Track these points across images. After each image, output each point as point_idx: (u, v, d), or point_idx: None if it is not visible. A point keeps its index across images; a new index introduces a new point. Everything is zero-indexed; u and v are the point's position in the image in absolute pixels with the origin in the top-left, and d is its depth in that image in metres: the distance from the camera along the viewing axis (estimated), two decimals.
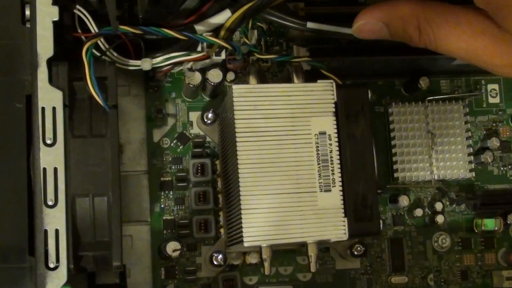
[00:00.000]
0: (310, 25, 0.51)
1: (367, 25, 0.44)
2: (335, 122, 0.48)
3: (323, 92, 0.48)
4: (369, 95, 0.49)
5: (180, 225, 0.53)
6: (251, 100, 0.47)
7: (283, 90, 0.48)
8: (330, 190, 0.47)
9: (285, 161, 0.47)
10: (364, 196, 0.47)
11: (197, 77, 0.52)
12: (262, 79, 0.49)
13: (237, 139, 0.46)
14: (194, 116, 0.55)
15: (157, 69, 0.53)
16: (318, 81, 0.49)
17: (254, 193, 0.46)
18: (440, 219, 0.56)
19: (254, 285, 0.55)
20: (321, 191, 0.47)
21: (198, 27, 0.52)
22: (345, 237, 0.47)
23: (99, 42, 0.49)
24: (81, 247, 0.45)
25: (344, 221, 0.47)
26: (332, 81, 0.49)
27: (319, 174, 0.47)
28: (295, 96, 0.48)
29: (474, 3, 0.40)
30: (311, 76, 0.50)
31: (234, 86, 0.47)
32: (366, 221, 0.47)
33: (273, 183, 0.46)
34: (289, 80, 0.49)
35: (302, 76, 0.49)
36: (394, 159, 0.56)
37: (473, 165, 0.56)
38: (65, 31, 0.49)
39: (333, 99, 0.48)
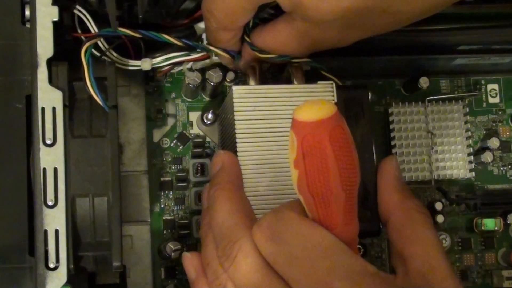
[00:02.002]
0: None
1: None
2: None
3: (323, 93, 0.48)
4: (370, 97, 0.49)
5: (180, 225, 0.53)
6: (251, 101, 0.47)
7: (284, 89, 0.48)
8: None
9: (285, 162, 0.46)
10: (364, 196, 0.47)
11: (197, 77, 0.52)
12: (262, 80, 0.49)
13: (237, 140, 0.46)
14: (194, 116, 0.55)
15: (157, 69, 0.53)
16: (318, 82, 0.48)
17: (254, 194, 0.46)
18: (440, 219, 0.56)
19: None
20: None
21: (198, 27, 0.52)
22: None
23: (98, 42, 0.49)
24: (81, 247, 0.45)
25: None
26: (332, 82, 0.48)
27: None
28: (295, 97, 0.47)
29: None
30: (311, 77, 0.50)
31: (234, 87, 0.47)
32: (366, 221, 0.47)
33: (273, 184, 0.46)
34: (289, 81, 0.49)
35: (302, 76, 0.49)
36: None
37: (473, 165, 0.56)
38: (65, 31, 0.49)
39: (333, 100, 0.48)
